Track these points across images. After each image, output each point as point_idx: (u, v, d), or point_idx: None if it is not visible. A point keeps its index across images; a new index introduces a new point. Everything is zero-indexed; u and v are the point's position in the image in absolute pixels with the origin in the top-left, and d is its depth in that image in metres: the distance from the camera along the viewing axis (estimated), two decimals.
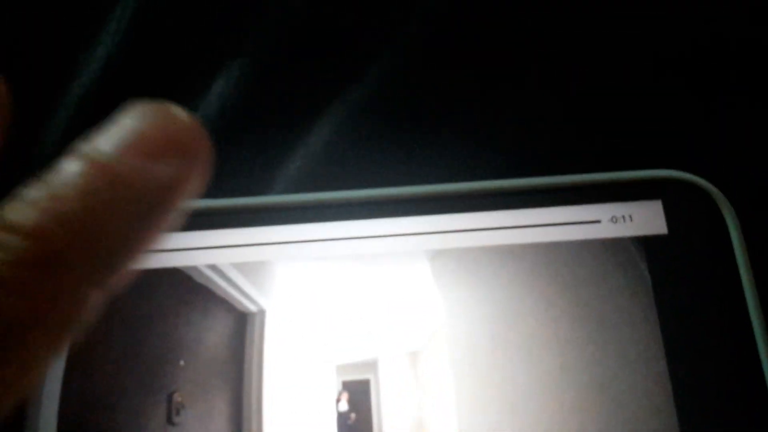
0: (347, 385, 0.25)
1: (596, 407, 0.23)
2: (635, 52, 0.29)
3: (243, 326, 0.25)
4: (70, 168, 0.12)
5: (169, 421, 0.24)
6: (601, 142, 0.28)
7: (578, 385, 0.23)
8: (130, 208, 0.12)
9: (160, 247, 0.24)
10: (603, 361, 0.23)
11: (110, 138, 0.12)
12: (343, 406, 0.25)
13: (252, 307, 0.25)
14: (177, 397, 0.24)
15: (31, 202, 0.12)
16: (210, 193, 0.25)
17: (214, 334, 0.25)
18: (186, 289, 0.24)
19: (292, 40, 0.30)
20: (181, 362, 0.24)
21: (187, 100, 0.29)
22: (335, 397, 0.25)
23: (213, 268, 0.24)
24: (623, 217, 0.24)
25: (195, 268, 0.24)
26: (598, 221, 0.24)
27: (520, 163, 0.28)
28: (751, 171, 0.27)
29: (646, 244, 0.24)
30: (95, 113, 0.29)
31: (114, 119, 0.13)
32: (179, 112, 0.13)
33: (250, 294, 0.25)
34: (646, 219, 0.24)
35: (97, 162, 0.12)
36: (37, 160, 0.29)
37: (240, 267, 0.25)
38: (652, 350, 0.23)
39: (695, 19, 0.29)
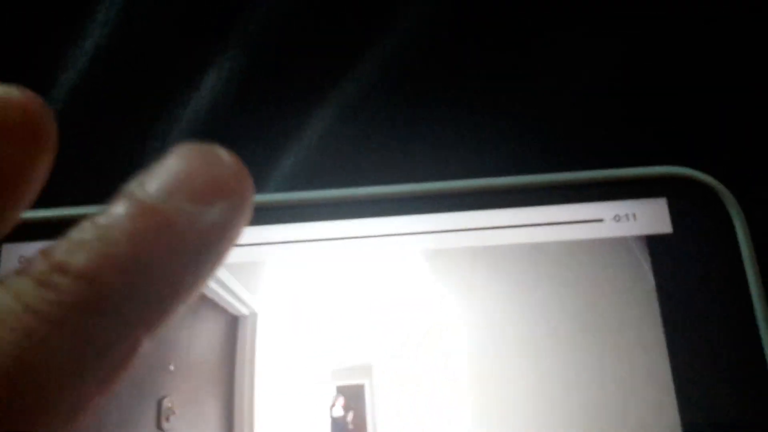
0: (342, 390, 0.24)
1: (598, 410, 0.22)
2: (638, 49, 0.29)
3: (234, 330, 0.25)
4: (118, 210, 0.12)
5: (159, 427, 0.23)
6: (604, 138, 0.28)
7: (579, 388, 0.23)
8: (178, 252, 0.12)
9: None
10: (605, 363, 0.23)
11: (158, 180, 0.12)
12: (338, 411, 0.24)
13: (243, 310, 0.25)
14: (167, 403, 0.23)
15: (80, 243, 0.12)
16: None
17: (204, 337, 0.24)
18: None
19: (286, 33, 0.29)
20: (171, 367, 0.24)
21: (177, 96, 0.29)
22: (330, 402, 0.24)
23: None
24: (627, 215, 0.24)
25: None
26: (600, 220, 0.24)
27: (520, 160, 0.27)
28: (758, 168, 0.27)
29: (650, 243, 0.24)
30: (82, 108, 0.29)
31: (161, 161, 0.13)
32: (225, 155, 0.13)
33: (241, 296, 0.25)
34: (650, 217, 0.24)
35: (145, 204, 0.12)
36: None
37: (230, 268, 0.24)
38: (656, 352, 0.23)
39: (697, 14, 0.29)
